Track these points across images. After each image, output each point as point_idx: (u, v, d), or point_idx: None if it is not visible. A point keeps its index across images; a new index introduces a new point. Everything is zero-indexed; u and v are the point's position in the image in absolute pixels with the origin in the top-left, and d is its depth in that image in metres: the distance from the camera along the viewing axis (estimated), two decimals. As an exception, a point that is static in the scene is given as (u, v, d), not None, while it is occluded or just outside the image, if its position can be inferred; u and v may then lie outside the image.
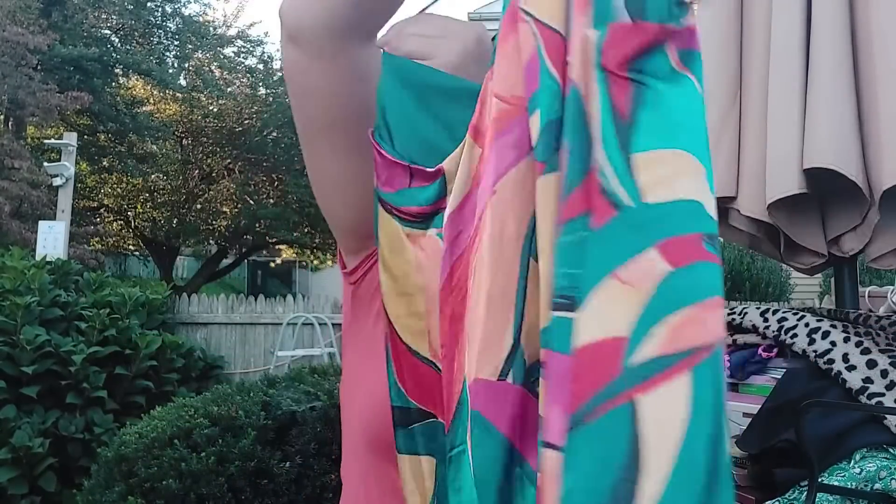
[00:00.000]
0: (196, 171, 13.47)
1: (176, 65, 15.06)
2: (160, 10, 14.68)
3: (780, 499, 1.28)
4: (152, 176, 13.75)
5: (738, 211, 1.76)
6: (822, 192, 1.69)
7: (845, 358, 1.36)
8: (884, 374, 1.30)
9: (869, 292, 2.76)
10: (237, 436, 2.80)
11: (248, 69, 14.37)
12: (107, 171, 13.67)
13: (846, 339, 1.40)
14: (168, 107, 13.90)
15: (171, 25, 14.88)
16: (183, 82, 14.58)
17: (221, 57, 14.79)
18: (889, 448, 1.23)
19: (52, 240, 6.20)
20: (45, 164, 7.95)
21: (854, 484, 1.20)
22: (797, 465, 1.26)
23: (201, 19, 15.20)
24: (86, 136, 12.49)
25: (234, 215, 13.49)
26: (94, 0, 13.36)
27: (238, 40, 14.88)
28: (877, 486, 1.19)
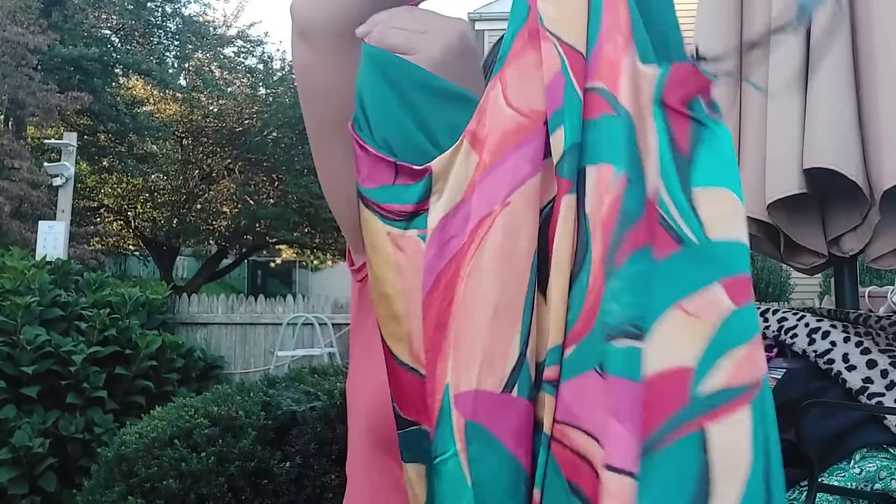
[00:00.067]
0: (196, 171, 13.47)
1: (176, 65, 15.08)
2: (160, 10, 14.69)
3: (780, 499, 1.28)
4: (152, 176, 13.75)
5: (738, 211, 1.76)
6: (822, 192, 1.69)
7: (845, 358, 1.36)
8: (884, 374, 1.30)
9: (869, 292, 2.76)
10: (237, 436, 2.80)
11: (248, 69, 14.38)
12: (107, 171, 13.67)
13: (846, 339, 1.40)
14: (168, 107, 13.90)
15: (171, 25, 14.89)
16: (183, 82, 14.59)
17: (221, 57, 14.79)
18: (889, 448, 1.23)
19: (52, 240, 6.20)
20: (45, 164, 7.96)
21: (854, 484, 1.20)
22: (797, 465, 1.26)
23: (201, 19, 15.21)
24: (86, 136, 12.49)
25: (234, 215, 13.49)
26: (94, 0, 13.36)
27: (238, 40, 14.89)
28: (877, 486, 1.19)
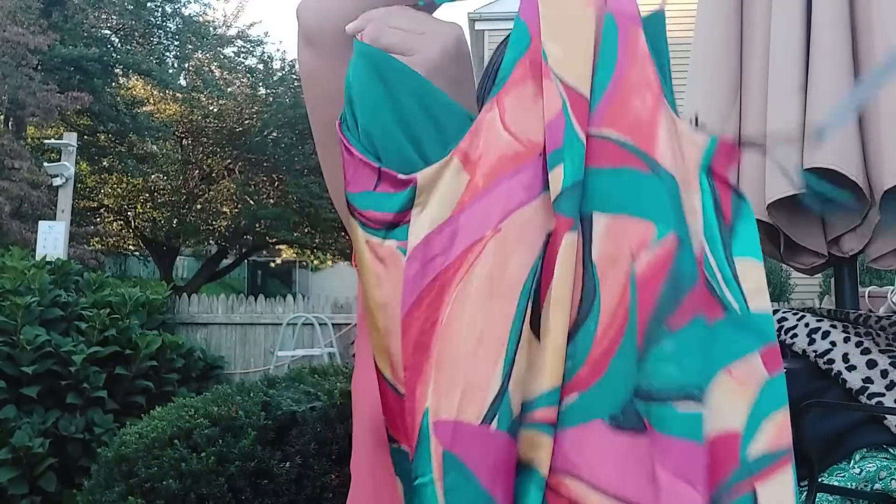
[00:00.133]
0: (196, 171, 13.47)
1: (176, 65, 15.08)
2: (160, 10, 14.70)
3: (780, 499, 1.28)
4: (152, 176, 13.76)
5: (738, 211, 1.76)
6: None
7: (845, 358, 1.36)
8: (884, 374, 1.30)
9: (869, 292, 2.76)
10: (237, 436, 2.80)
11: (248, 69, 14.38)
12: (107, 171, 13.67)
13: (846, 340, 1.40)
14: (168, 107, 13.91)
15: (171, 25, 14.89)
16: (183, 82, 14.59)
17: (221, 57, 14.80)
18: (889, 448, 1.23)
19: (52, 240, 6.20)
20: (45, 164, 7.96)
21: (854, 484, 1.20)
22: (797, 465, 1.26)
23: (201, 19, 15.22)
24: (86, 136, 12.49)
25: (234, 215, 13.49)
26: (94, 0, 13.36)
27: (238, 40, 14.89)
28: (877, 486, 1.19)
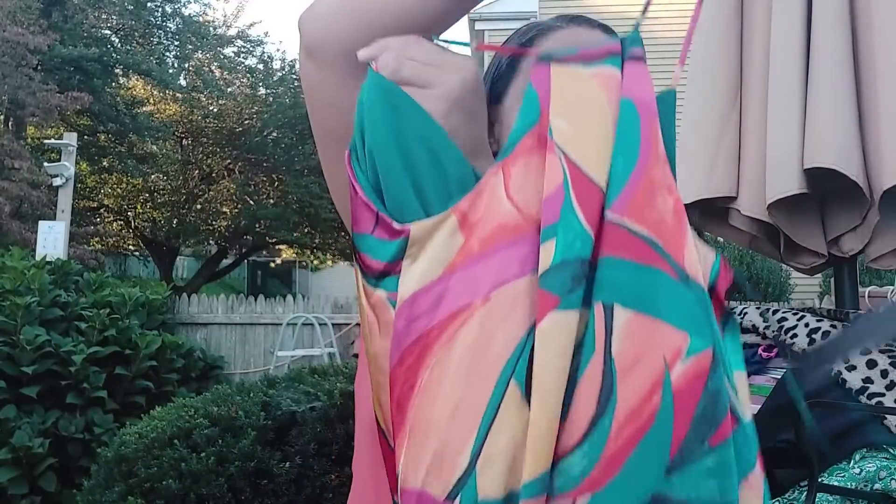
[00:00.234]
0: (196, 172, 13.47)
1: (176, 65, 15.08)
2: (160, 10, 14.70)
3: (780, 499, 1.28)
4: (152, 176, 13.77)
5: (739, 211, 1.76)
6: (821, 192, 1.69)
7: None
8: (884, 374, 1.30)
9: (869, 292, 2.76)
10: (237, 436, 2.80)
11: (248, 69, 14.39)
12: (107, 171, 13.68)
13: (846, 339, 1.39)
14: (168, 107, 13.91)
15: (171, 25, 14.89)
16: (183, 82, 14.59)
17: (221, 57, 14.80)
18: (889, 448, 1.23)
19: (52, 240, 6.20)
20: (45, 164, 7.96)
21: (854, 484, 1.20)
22: (797, 465, 1.26)
23: (201, 19, 15.22)
24: (86, 136, 12.49)
25: (234, 215, 13.49)
26: (94, 0, 13.36)
27: (238, 40, 14.89)
28: (877, 486, 1.19)
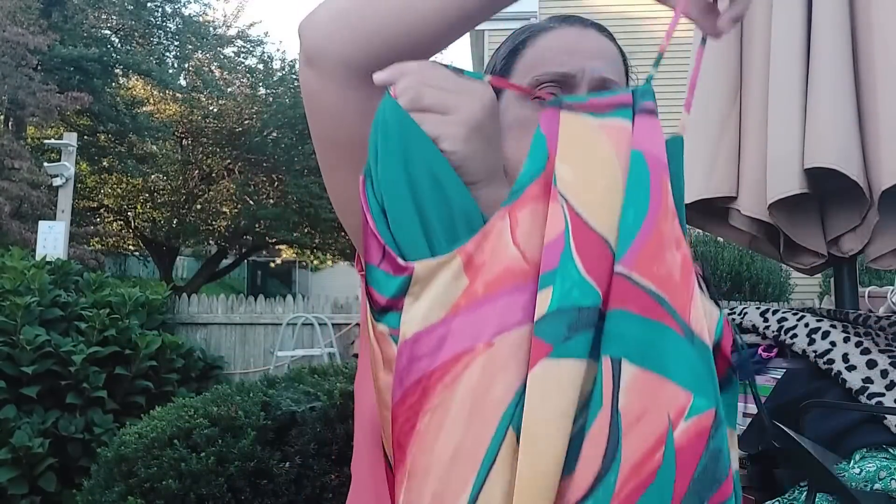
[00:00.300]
0: (196, 172, 13.47)
1: (176, 65, 15.07)
2: (160, 10, 14.69)
3: (780, 499, 1.28)
4: (152, 176, 13.76)
5: (739, 211, 1.76)
6: (821, 192, 1.69)
7: (845, 358, 1.36)
8: (884, 374, 1.30)
9: (869, 292, 2.76)
10: (237, 436, 2.80)
11: (248, 69, 14.38)
12: (107, 171, 13.67)
13: (846, 340, 1.40)
14: (168, 107, 13.91)
15: (171, 25, 14.89)
16: (183, 82, 14.59)
17: (221, 57, 14.79)
18: (889, 448, 1.23)
19: (52, 240, 6.20)
20: (45, 164, 7.96)
21: (854, 484, 1.20)
22: (797, 465, 1.26)
23: (201, 19, 15.21)
24: (86, 136, 12.49)
25: (234, 215, 13.49)
26: (94, 0, 13.36)
27: (238, 40, 14.89)
28: (877, 486, 1.19)
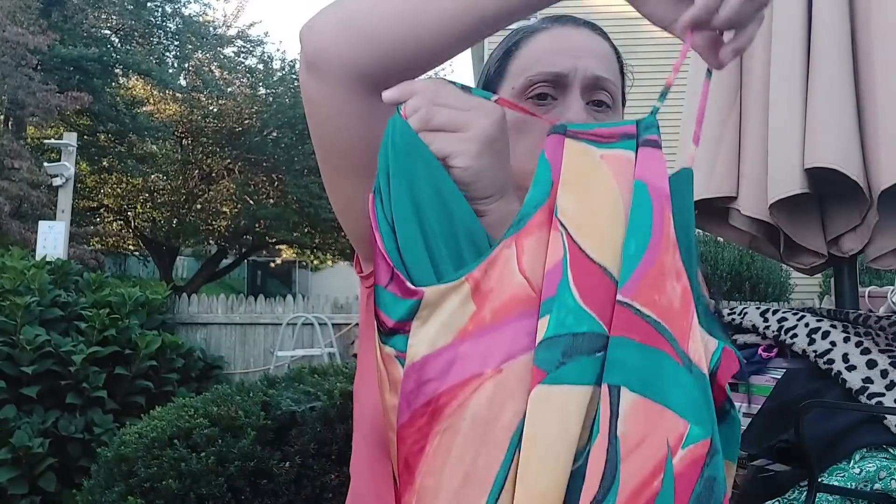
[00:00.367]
0: (196, 171, 13.46)
1: (176, 65, 15.07)
2: (160, 10, 14.69)
3: (780, 499, 1.28)
4: (152, 176, 13.75)
5: (739, 211, 1.76)
6: (821, 192, 1.69)
7: (845, 358, 1.36)
8: (884, 374, 1.30)
9: (869, 292, 2.76)
10: (237, 436, 2.80)
11: (248, 69, 14.38)
12: (107, 171, 13.67)
13: (846, 339, 1.40)
14: (168, 107, 13.90)
15: (171, 25, 14.88)
16: (183, 82, 14.58)
17: (221, 57, 14.79)
18: (889, 448, 1.23)
19: (52, 240, 6.19)
20: (45, 164, 7.95)
21: (854, 484, 1.20)
22: (797, 465, 1.26)
23: (201, 19, 15.21)
24: (86, 136, 12.48)
25: (234, 215, 13.48)
26: (94, 0, 13.36)
27: (238, 40, 14.89)
28: (877, 486, 1.19)
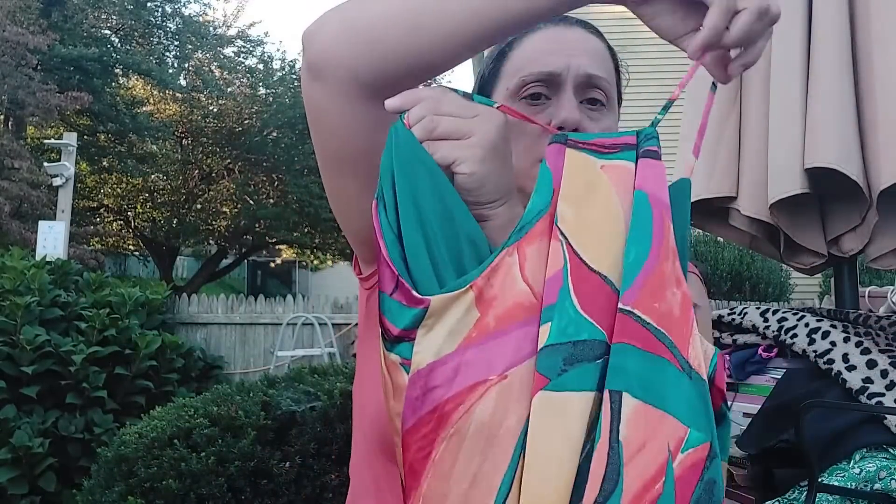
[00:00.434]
0: (196, 171, 13.46)
1: (176, 65, 15.07)
2: (160, 10, 14.69)
3: (780, 499, 1.28)
4: (152, 176, 13.75)
5: (739, 211, 1.76)
6: (821, 192, 1.69)
7: (845, 358, 1.36)
8: (884, 374, 1.30)
9: (869, 292, 2.76)
10: (237, 436, 2.80)
11: (248, 69, 14.38)
12: (107, 171, 13.67)
13: (846, 339, 1.40)
14: (168, 107, 13.90)
15: (171, 25, 14.88)
16: (183, 82, 14.58)
17: (221, 57, 14.80)
18: (889, 448, 1.23)
19: (52, 240, 6.20)
20: (45, 164, 7.95)
21: (854, 484, 1.20)
22: (797, 465, 1.26)
23: (201, 19, 15.21)
24: (86, 136, 12.48)
25: (234, 215, 13.48)
26: (94, 0, 13.36)
27: (238, 40, 14.89)
28: (877, 486, 1.19)
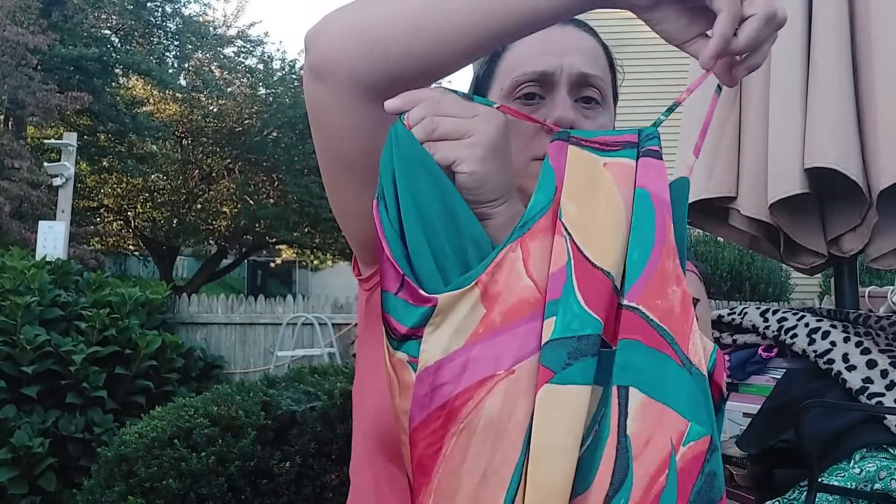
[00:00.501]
0: (196, 171, 13.46)
1: (176, 65, 15.07)
2: (160, 10, 14.69)
3: (780, 499, 1.28)
4: (152, 176, 13.75)
5: (739, 211, 1.76)
6: (821, 192, 1.69)
7: (845, 358, 1.36)
8: (884, 374, 1.30)
9: (869, 292, 2.76)
10: (237, 436, 2.80)
11: (248, 69, 14.38)
12: (107, 171, 13.67)
13: (846, 339, 1.40)
14: (168, 107, 13.90)
15: (171, 25, 14.88)
16: (183, 82, 14.58)
17: (221, 57, 14.80)
18: (889, 448, 1.23)
19: (52, 240, 6.20)
20: (45, 164, 7.95)
21: (854, 484, 1.20)
22: (797, 465, 1.26)
23: (201, 19, 15.21)
24: (86, 136, 12.48)
25: (234, 215, 13.48)
26: (94, 0, 13.36)
27: (238, 40, 14.89)
28: (877, 486, 1.19)
